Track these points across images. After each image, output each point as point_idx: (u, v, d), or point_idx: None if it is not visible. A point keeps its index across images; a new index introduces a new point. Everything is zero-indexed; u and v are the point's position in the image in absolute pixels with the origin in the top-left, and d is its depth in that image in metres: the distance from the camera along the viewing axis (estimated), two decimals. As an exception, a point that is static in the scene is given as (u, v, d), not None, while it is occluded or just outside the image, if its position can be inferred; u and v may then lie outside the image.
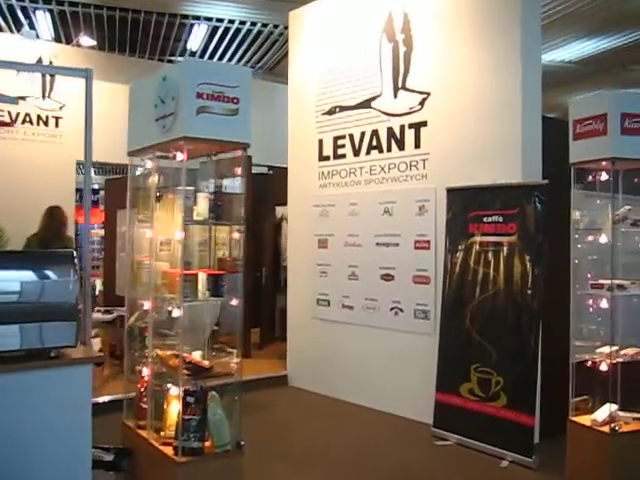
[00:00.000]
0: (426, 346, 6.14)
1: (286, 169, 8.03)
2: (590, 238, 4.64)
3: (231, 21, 9.79)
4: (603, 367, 4.54)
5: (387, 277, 6.69)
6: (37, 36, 9.57)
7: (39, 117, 9.15)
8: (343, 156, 7.22)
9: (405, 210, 6.51)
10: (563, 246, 4.65)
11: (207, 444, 3.83)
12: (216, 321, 7.81)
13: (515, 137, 5.63)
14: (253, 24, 9.88)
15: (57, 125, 9.28)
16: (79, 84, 9.34)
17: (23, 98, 8.98)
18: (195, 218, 4.00)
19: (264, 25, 9.92)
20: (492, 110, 5.83)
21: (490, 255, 5.59)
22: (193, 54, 10.65)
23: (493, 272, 5.56)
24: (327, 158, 7.41)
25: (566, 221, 4.62)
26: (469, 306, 5.72)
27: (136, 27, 9.48)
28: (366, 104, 6.95)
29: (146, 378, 4.20)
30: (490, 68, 5.85)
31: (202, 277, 4.01)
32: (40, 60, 9.13)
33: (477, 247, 5.70)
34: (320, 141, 7.48)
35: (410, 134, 6.49)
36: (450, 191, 5.98)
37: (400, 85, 6.59)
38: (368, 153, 6.94)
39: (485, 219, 5.67)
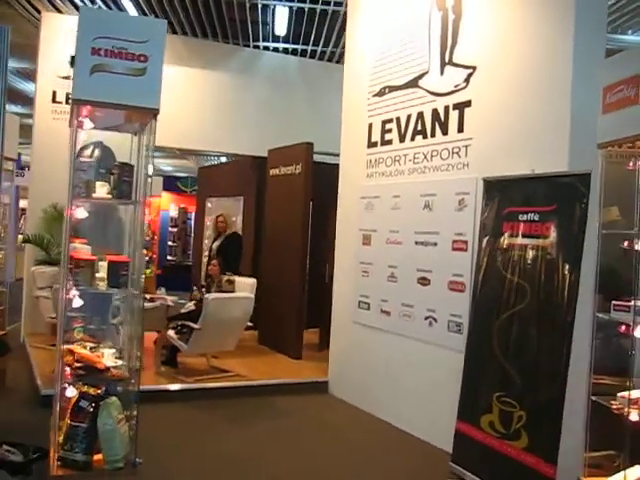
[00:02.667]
0: (458, 365, 5.20)
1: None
2: (625, 244, 3.56)
3: (314, 1, 9.17)
4: (634, 416, 3.46)
5: (423, 281, 5.81)
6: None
7: (111, 101, 9.09)
8: (389, 142, 6.42)
9: (445, 204, 5.61)
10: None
11: (98, 457, 3.27)
12: (249, 317, 7.37)
13: (564, 120, 4.56)
14: (338, 4, 9.19)
15: (129, 109, 9.18)
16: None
17: (68, 77, 8.95)
18: (98, 194, 3.43)
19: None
20: (541, 88, 4.79)
21: (522, 261, 4.57)
22: (276, 38, 10.18)
23: (524, 283, 4.53)
24: (375, 144, 6.63)
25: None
26: (496, 322, 4.72)
27: (218, 10, 9.15)
28: (413, 83, 6.10)
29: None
30: (542, 37, 4.81)
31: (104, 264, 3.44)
32: (114, 43, 9.07)
33: (509, 251, 4.70)
34: (370, 126, 6.72)
35: (454, 116, 5.57)
36: (486, 182, 5.00)
37: (447, 59, 5.68)
38: (413, 139, 6.09)
39: (520, 217, 4.64)
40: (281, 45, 10.52)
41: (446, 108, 5.66)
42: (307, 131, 8.81)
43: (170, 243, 19.14)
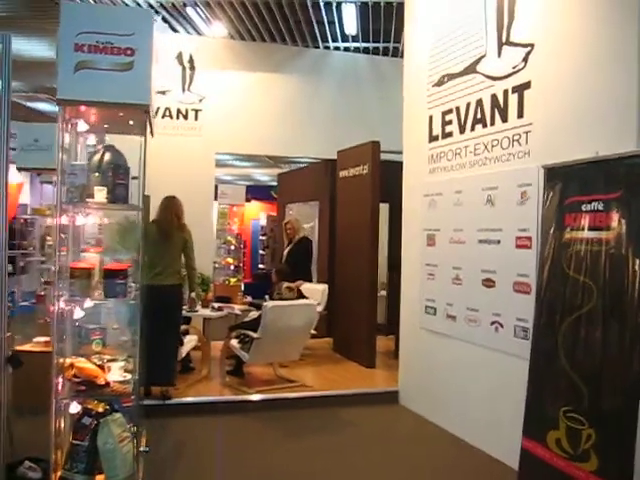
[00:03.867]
0: (526, 374, 4.68)
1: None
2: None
3: (380, -4, 8.84)
4: None
5: (488, 283, 5.32)
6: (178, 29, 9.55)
7: (179, 111, 9.14)
8: (450, 134, 5.97)
9: (506, 198, 5.11)
10: None
11: (100, 478, 3.08)
12: (314, 325, 7.08)
13: (631, 100, 4.00)
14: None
15: (196, 118, 9.20)
16: (219, 76, 9.30)
17: (163, 93, 9.04)
18: (96, 199, 3.24)
19: None
20: (605, 65, 4.23)
21: (587, 257, 4.02)
22: (346, 38, 9.89)
23: (589, 281, 3.99)
24: (436, 138, 6.20)
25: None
26: (561, 326, 4.19)
27: (282, 13, 8.99)
28: (471, 69, 5.63)
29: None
30: (605, 10, 4.27)
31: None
32: (180, 55, 9.11)
33: (572, 246, 4.16)
34: (430, 118, 6.29)
35: (513, 100, 5.07)
36: (547, 170, 4.48)
37: (504, 39, 5.18)
38: (473, 129, 5.62)
39: (584, 207, 4.10)
40: (352, 44, 10.23)
41: (505, 92, 5.16)
42: (379, 130, 8.46)
43: (261, 251, 19.24)
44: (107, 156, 3.56)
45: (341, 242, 8.90)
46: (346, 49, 10.36)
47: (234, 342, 6.92)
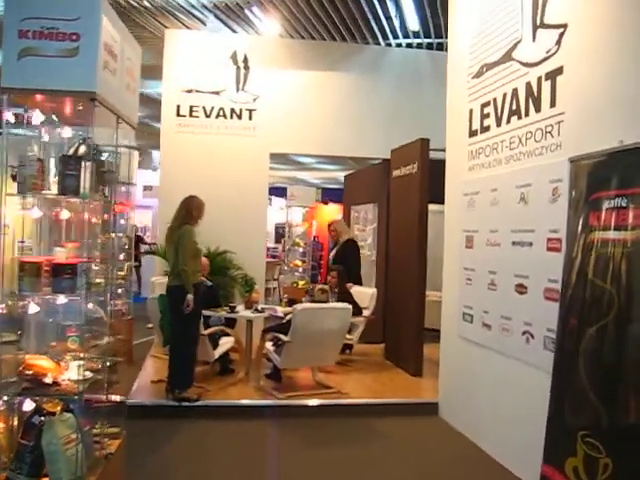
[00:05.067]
0: (555, 391, 4.22)
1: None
2: None
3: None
4: None
5: (521, 289, 4.88)
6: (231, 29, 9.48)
7: (233, 110, 9.08)
8: (487, 128, 5.55)
9: (539, 195, 4.66)
10: None
11: (45, 481, 2.95)
12: (347, 329, 6.78)
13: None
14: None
15: (250, 117, 9.11)
16: (274, 75, 9.17)
17: (217, 93, 9.02)
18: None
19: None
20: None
21: (609, 261, 3.55)
22: (406, 34, 9.50)
23: (610, 289, 3.51)
24: (475, 133, 5.79)
25: None
26: (582, 338, 3.73)
27: (335, 9, 8.74)
28: (507, 56, 5.20)
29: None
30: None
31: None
32: (234, 54, 9.06)
33: (595, 248, 3.69)
34: (470, 112, 5.88)
35: (546, 88, 4.61)
36: (573, 163, 4.02)
37: (539, 21, 4.73)
38: (508, 121, 5.18)
39: (607, 203, 3.62)
40: (414, 40, 9.83)
41: (539, 80, 4.71)
42: (438, 127, 8.02)
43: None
44: (82, 148, 3.44)
45: (392, 245, 8.55)
46: (409, 45, 9.97)
47: (269, 345, 6.74)
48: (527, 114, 4.86)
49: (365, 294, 8.20)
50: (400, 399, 6.54)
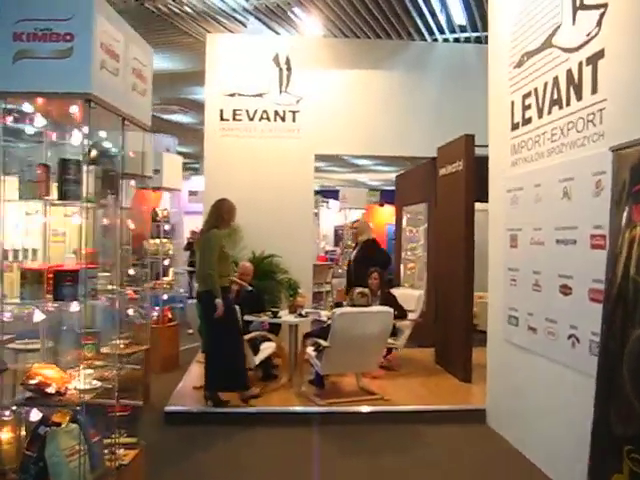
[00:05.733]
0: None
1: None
2: None
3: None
4: None
5: (565, 290, 4.57)
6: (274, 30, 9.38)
7: (276, 113, 8.99)
8: (529, 120, 5.26)
9: (582, 189, 4.36)
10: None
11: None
12: (389, 333, 6.55)
13: None
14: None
15: (294, 119, 9.00)
16: (317, 75, 9.04)
17: (260, 95, 8.95)
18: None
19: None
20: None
21: (653, 258, 3.25)
22: (452, 29, 9.19)
23: (654, 288, 3.21)
24: (517, 126, 5.50)
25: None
26: (628, 343, 3.42)
27: (378, 6, 8.53)
28: (547, 43, 4.91)
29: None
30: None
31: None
32: (276, 56, 8.97)
33: (639, 243, 3.38)
34: (512, 104, 5.59)
35: (587, 74, 4.31)
36: (615, 153, 3.71)
37: (578, 3, 4.43)
38: (550, 112, 4.88)
39: (650, 196, 3.32)
40: (461, 35, 9.52)
41: (579, 66, 4.40)
42: (486, 123, 7.73)
43: (398, 255, 18.73)
44: (93, 152, 3.37)
45: (439, 246, 8.27)
46: (456, 40, 9.66)
47: (310, 350, 6.59)
48: (568, 103, 4.56)
49: (411, 296, 7.96)
50: (446, 406, 6.28)
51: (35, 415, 3.02)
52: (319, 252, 16.16)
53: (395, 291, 8.10)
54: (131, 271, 6.97)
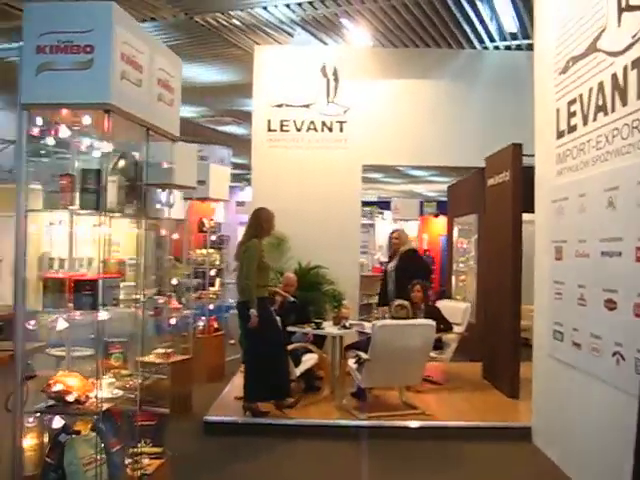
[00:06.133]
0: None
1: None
2: None
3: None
4: None
5: (610, 304, 4.37)
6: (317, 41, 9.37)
7: (323, 123, 8.99)
8: (574, 128, 5.07)
9: (627, 199, 4.16)
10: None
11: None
12: (431, 347, 6.40)
13: None
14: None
15: (341, 130, 8.98)
16: (364, 85, 8.99)
17: (307, 106, 8.97)
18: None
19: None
20: None
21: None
22: (503, 37, 8.99)
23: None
24: (562, 134, 5.32)
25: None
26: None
27: (425, 15, 8.42)
28: (592, 47, 4.73)
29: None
30: None
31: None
32: (324, 67, 8.98)
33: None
34: (557, 111, 5.41)
35: (633, 78, 4.12)
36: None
37: (624, 3, 4.25)
38: (595, 119, 4.70)
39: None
40: (513, 43, 9.31)
41: (624, 70, 4.22)
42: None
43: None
44: (121, 163, 3.41)
45: (487, 257, 8.07)
46: (507, 48, 9.45)
47: (351, 362, 6.50)
48: (613, 109, 4.37)
49: (457, 309, 7.78)
50: (490, 422, 6.09)
51: (57, 422, 3.04)
52: (374, 263, 16.05)
53: (441, 304, 7.95)
54: (174, 281, 7.12)
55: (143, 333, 3.34)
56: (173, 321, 6.63)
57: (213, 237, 8.79)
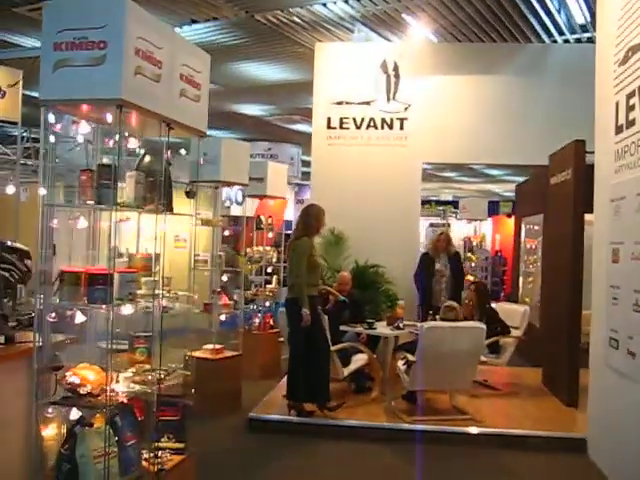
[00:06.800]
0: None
1: None
2: None
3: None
4: None
5: (664, 311, 4.08)
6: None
7: (383, 120, 8.87)
8: (632, 123, 4.77)
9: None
10: None
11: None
12: (482, 350, 6.19)
13: None
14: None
15: (402, 127, 8.83)
16: (425, 81, 8.81)
17: (368, 103, 8.87)
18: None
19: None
20: None
21: None
22: (573, 30, 8.60)
23: None
24: (621, 129, 5.02)
25: None
26: None
27: (489, 9, 8.15)
28: (652, 35, 4.43)
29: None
30: None
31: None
32: (384, 63, 8.85)
33: None
34: (616, 105, 5.12)
35: (689, 69, 3.83)
36: None
37: (682, -10, 3.96)
38: (653, 112, 4.40)
39: None
40: (584, 35, 8.90)
41: (681, 59, 3.92)
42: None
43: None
44: (147, 158, 3.44)
45: (548, 259, 7.75)
46: (577, 40, 9.04)
47: (400, 364, 6.38)
48: (670, 102, 4.08)
49: (516, 312, 7.51)
50: (542, 431, 5.82)
51: (75, 414, 3.10)
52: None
53: (498, 306, 7.69)
54: (224, 277, 7.18)
55: (162, 328, 3.34)
56: (223, 317, 6.69)
57: (270, 234, 8.81)
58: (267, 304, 8.57)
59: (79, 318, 3.14)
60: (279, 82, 11.53)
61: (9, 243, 3.72)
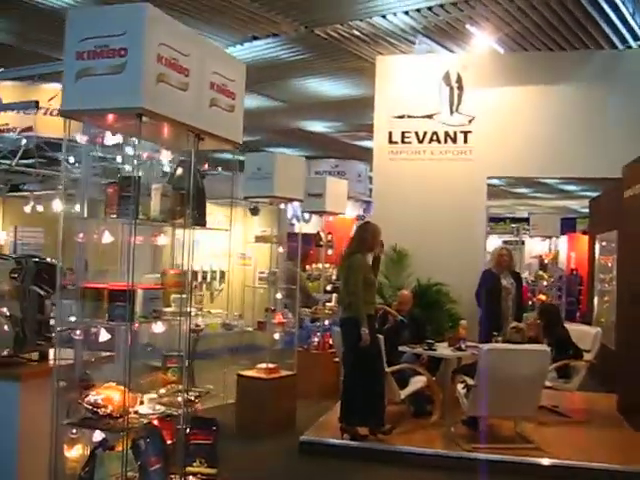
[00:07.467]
0: None
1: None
2: None
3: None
4: None
5: None
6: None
7: (447, 134, 8.58)
8: None
9: None
10: None
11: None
12: (546, 375, 5.80)
13: None
14: None
15: (466, 140, 8.53)
16: (490, 93, 8.50)
17: (430, 116, 8.64)
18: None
19: None
20: None
21: None
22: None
23: None
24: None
25: None
26: None
27: (556, 16, 7.79)
28: None
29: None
30: None
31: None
32: (447, 75, 8.59)
33: None
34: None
35: None
36: None
37: None
38: None
39: None
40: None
41: None
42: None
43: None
44: (179, 171, 3.36)
45: (625, 277, 7.26)
46: (653, 45, 8.54)
47: (459, 387, 6.08)
48: None
49: (587, 334, 7.06)
50: (614, 465, 5.38)
51: (98, 436, 3.00)
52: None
53: (569, 328, 7.24)
54: (278, 295, 7.06)
55: (189, 347, 3.22)
56: (277, 336, 6.57)
57: (330, 251, 8.66)
58: (326, 322, 8.39)
59: (103, 336, 3.05)
60: (342, 98, 11.44)
61: (48, 260, 3.71)
